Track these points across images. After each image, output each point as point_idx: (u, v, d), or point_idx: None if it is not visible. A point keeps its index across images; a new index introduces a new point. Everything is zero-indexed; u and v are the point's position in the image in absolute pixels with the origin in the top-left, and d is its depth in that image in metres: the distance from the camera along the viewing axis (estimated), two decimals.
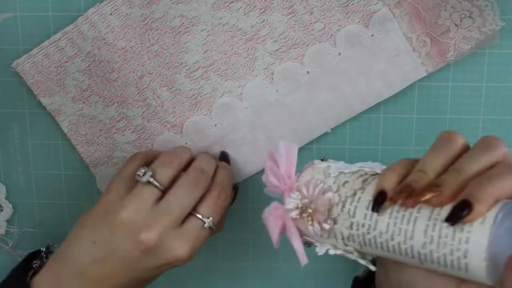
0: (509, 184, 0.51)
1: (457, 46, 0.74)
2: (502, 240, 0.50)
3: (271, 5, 0.74)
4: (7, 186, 0.82)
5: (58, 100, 0.77)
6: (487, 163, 0.53)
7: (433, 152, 0.55)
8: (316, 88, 0.76)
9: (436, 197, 0.52)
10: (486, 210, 0.50)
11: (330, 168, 0.61)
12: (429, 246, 0.52)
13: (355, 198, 0.57)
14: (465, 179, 0.52)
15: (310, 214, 0.59)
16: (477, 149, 0.54)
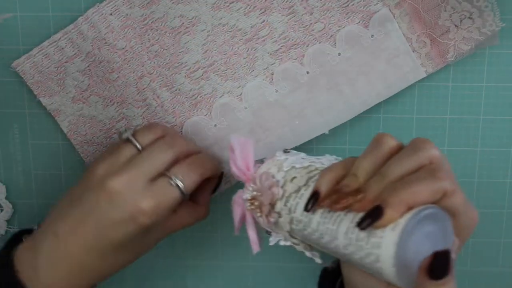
0: (425, 190, 0.51)
1: (457, 47, 0.74)
2: (417, 246, 0.50)
3: (271, 5, 0.74)
4: (7, 186, 0.82)
5: (58, 100, 0.77)
6: (410, 167, 0.53)
7: (364, 156, 0.56)
8: (316, 88, 0.76)
9: (358, 202, 0.52)
10: (399, 216, 0.50)
11: (285, 162, 0.62)
12: (349, 248, 0.53)
13: (298, 194, 0.58)
14: (388, 183, 0.52)
15: (258, 206, 0.61)
16: (403, 153, 0.54)
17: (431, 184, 0.51)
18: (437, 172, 0.52)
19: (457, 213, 0.53)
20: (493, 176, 0.80)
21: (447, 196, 0.52)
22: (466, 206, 0.54)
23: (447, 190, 0.52)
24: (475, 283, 0.83)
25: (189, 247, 0.84)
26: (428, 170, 0.53)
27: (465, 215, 0.54)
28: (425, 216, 0.50)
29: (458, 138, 0.79)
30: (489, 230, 0.82)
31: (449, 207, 0.52)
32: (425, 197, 0.51)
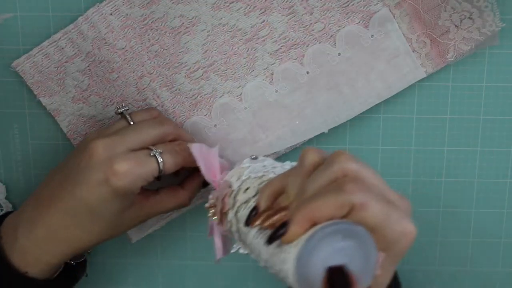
0: (328, 204, 0.50)
1: (456, 47, 0.74)
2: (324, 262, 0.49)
3: (271, 5, 0.74)
4: (7, 186, 0.82)
5: (58, 100, 0.77)
6: (324, 182, 0.52)
7: (292, 173, 0.55)
8: (316, 88, 0.76)
9: (280, 221, 0.52)
10: (302, 232, 0.50)
11: (246, 170, 0.62)
12: (268, 263, 0.53)
13: (247, 206, 0.59)
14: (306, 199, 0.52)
15: (214, 214, 0.62)
16: (319, 168, 0.53)
17: (335, 198, 0.50)
18: (344, 185, 0.50)
19: (373, 228, 0.50)
20: (493, 176, 0.80)
21: (355, 210, 0.50)
22: (387, 220, 0.50)
23: (354, 204, 0.49)
24: (475, 283, 0.83)
25: (188, 247, 0.84)
26: (336, 184, 0.51)
27: (386, 229, 0.50)
28: (331, 232, 0.49)
29: (458, 138, 0.79)
30: (489, 230, 0.82)
31: (361, 222, 0.49)
32: (329, 212, 0.49)
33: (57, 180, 0.69)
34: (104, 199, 0.66)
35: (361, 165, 0.52)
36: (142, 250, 0.84)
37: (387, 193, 0.52)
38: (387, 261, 0.51)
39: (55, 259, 0.70)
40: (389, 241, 0.51)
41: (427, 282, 0.83)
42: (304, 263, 0.49)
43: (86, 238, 0.69)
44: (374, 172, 0.53)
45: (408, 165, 0.80)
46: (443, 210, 0.81)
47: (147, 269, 0.85)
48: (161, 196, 0.72)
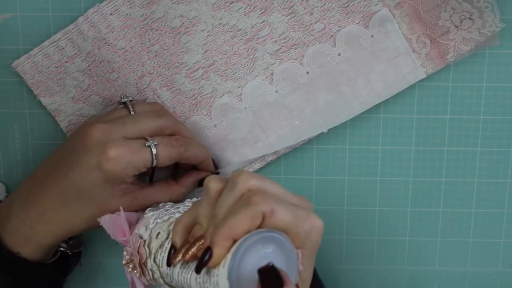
0: (241, 219, 0.52)
1: (457, 48, 0.74)
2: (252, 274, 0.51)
3: (271, 5, 0.74)
4: (7, 186, 0.82)
5: (58, 100, 0.77)
6: (233, 201, 0.55)
7: (200, 203, 0.58)
8: (316, 88, 0.76)
9: (200, 249, 0.54)
10: (226, 252, 0.52)
11: (151, 219, 0.64)
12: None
13: (163, 249, 0.61)
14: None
15: (134, 268, 0.64)
16: (224, 191, 0.56)
17: (246, 212, 0.52)
18: (250, 198, 0.53)
19: (286, 229, 0.53)
20: (493, 176, 0.80)
21: (266, 218, 0.53)
22: (296, 219, 0.54)
23: (264, 212, 0.53)
24: (475, 283, 0.83)
25: None
26: (243, 199, 0.54)
27: (297, 227, 0.54)
28: (251, 243, 0.51)
29: (458, 138, 0.79)
30: (489, 230, 0.82)
31: (275, 226, 0.53)
32: (244, 226, 0.52)
33: (53, 162, 0.71)
34: (95, 183, 0.67)
35: (261, 178, 0.56)
36: None
37: (289, 197, 0.56)
38: (305, 256, 0.55)
39: (45, 240, 0.70)
40: (302, 238, 0.54)
41: (427, 282, 0.83)
42: (235, 279, 0.51)
43: (77, 220, 0.70)
44: (273, 182, 0.56)
45: (408, 165, 0.80)
46: (443, 210, 0.81)
47: None
48: (154, 189, 0.73)
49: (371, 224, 0.81)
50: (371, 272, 0.83)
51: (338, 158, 0.80)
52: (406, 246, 0.82)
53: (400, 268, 0.83)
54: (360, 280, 0.83)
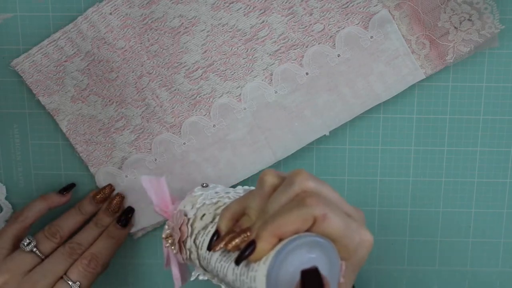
0: (292, 219, 0.51)
1: (456, 49, 0.74)
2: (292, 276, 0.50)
3: (271, 6, 0.74)
4: (7, 186, 0.82)
5: (57, 99, 0.77)
6: (286, 200, 0.54)
7: (252, 195, 0.57)
8: (315, 89, 0.76)
9: (244, 242, 0.53)
10: (270, 248, 0.51)
11: (199, 198, 0.63)
12: (236, 283, 0.54)
13: (206, 231, 0.60)
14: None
15: (172, 244, 0.63)
16: (279, 188, 0.55)
17: (298, 212, 0.51)
18: (305, 200, 0.52)
19: (335, 238, 0.52)
20: (493, 176, 0.80)
21: (318, 222, 0.52)
22: (347, 230, 0.53)
23: (316, 216, 0.51)
24: (475, 283, 0.83)
25: None
26: (297, 199, 0.53)
27: (347, 239, 0.53)
28: (297, 245, 0.51)
29: (458, 138, 0.79)
30: (489, 230, 0.82)
31: (324, 233, 0.52)
32: (294, 226, 0.51)
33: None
34: None
35: (319, 182, 0.55)
36: (142, 250, 0.84)
37: (343, 206, 0.55)
38: (349, 270, 0.54)
39: None
40: (349, 250, 0.53)
41: (427, 282, 0.83)
42: (274, 278, 0.50)
43: None
44: (331, 188, 0.55)
45: (408, 165, 0.80)
46: (443, 210, 0.81)
47: (147, 269, 0.85)
48: None
49: (371, 224, 0.81)
50: (371, 272, 0.83)
51: (338, 158, 0.80)
52: (406, 246, 0.82)
53: (400, 268, 0.83)
54: (360, 280, 0.83)
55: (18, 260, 0.74)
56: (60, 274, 0.74)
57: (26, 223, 0.76)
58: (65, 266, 0.74)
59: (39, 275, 0.73)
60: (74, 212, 0.78)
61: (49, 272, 0.73)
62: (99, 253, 0.76)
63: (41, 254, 0.74)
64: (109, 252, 0.77)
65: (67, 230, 0.77)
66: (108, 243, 0.77)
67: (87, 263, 0.74)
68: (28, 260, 0.74)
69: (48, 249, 0.75)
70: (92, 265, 0.74)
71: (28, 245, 0.74)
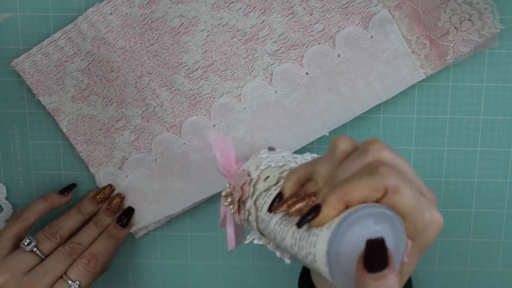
0: (362, 187, 0.49)
1: (456, 49, 0.74)
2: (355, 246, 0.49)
3: (271, 6, 0.74)
4: (7, 186, 0.82)
5: (57, 100, 0.77)
6: (357, 168, 0.51)
7: (321, 160, 0.55)
8: (315, 89, 0.76)
9: (308, 206, 0.51)
10: (335, 214, 0.49)
11: (264, 160, 0.62)
12: (294, 248, 0.52)
13: (268, 193, 0.58)
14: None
15: (231, 203, 0.62)
16: (353, 155, 0.53)
17: (369, 181, 0.49)
18: (378, 168, 0.50)
19: (405, 213, 0.50)
20: (493, 176, 0.80)
21: (389, 193, 0.49)
22: (418, 206, 0.50)
23: (388, 187, 0.49)
24: (475, 283, 0.83)
25: (189, 247, 0.84)
26: (370, 167, 0.50)
27: (416, 215, 0.50)
28: (363, 215, 0.49)
29: (458, 138, 0.79)
30: (489, 230, 0.82)
31: (394, 206, 0.49)
32: (363, 194, 0.49)
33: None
34: None
35: (395, 153, 0.52)
36: (142, 250, 0.84)
37: (417, 182, 0.52)
38: (414, 250, 0.52)
39: None
40: (418, 229, 0.51)
41: (427, 282, 0.83)
42: (336, 245, 0.48)
43: None
44: (406, 161, 0.53)
45: None
46: (443, 210, 0.81)
47: (147, 269, 0.85)
48: None
49: None
50: None
51: None
52: None
53: None
54: None
55: (18, 259, 0.74)
56: (60, 274, 0.74)
57: (27, 223, 0.76)
58: (65, 266, 0.74)
59: (39, 275, 0.73)
60: (74, 212, 0.78)
61: (49, 272, 0.73)
62: (98, 252, 0.76)
63: (41, 254, 0.75)
64: (109, 252, 0.77)
65: (67, 230, 0.77)
66: (108, 242, 0.77)
67: (87, 263, 0.75)
68: (28, 260, 0.74)
69: (48, 249, 0.75)
70: (92, 265, 0.75)
71: (28, 245, 0.74)
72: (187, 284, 0.85)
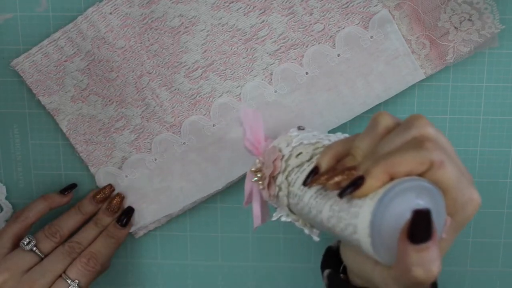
0: (408, 159, 0.49)
1: (456, 49, 0.74)
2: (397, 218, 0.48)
3: (271, 5, 0.74)
4: (7, 186, 0.82)
5: (57, 99, 0.77)
6: (401, 143, 0.51)
7: (362, 135, 0.55)
8: (315, 89, 0.76)
9: (346, 180, 0.51)
10: (379, 186, 0.49)
11: (295, 138, 0.62)
12: (332, 220, 0.52)
13: (300, 169, 0.58)
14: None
15: (261, 178, 0.61)
16: (396, 130, 0.53)
17: (416, 154, 0.49)
18: (424, 143, 0.50)
19: (447, 189, 0.50)
20: (493, 176, 0.80)
21: (434, 168, 0.49)
22: (459, 183, 0.50)
23: (433, 161, 0.49)
24: (475, 283, 0.83)
25: (189, 247, 0.84)
26: (415, 142, 0.51)
27: (458, 192, 0.50)
28: (408, 187, 0.49)
29: (458, 138, 0.79)
30: (489, 230, 0.82)
31: (437, 181, 0.49)
32: (408, 167, 0.49)
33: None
34: None
35: (438, 131, 0.52)
36: (142, 250, 0.84)
37: (457, 161, 0.53)
38: (451, 227, 0.52)
39: None
40: (457, 206, 0.51)
41: None
42: (381, 215, 0.48)
43: None
44: (449, 141, 0.53)
45: None
46: None
47: (147, 269, 0.85)
48: None
49: None
50: None
51: None
52: None
53: None
54: None
55: (18, 259, 0.74)
56: (59, 273, 0.74)
57: (27, 222, 0.76)
58: (64, 265, 0.74)
59: (38, 274, 0.73)
60: (74, 212, 0.78)
61: (48, 271, 0.74)
62: (98, 252, 0.76)
63: (40, 253, 0.75)
64: (108, 251, 0.77)
65: (66, 229, 0.77)
66: (108, 242, 0.77)
67: (86, 262, 0.75)
68: (28, 259, 0.74)
69: (47, 248, 0.75)
70: (91, 264, 0.75)
71: (28, 244, 0.74)
72: (187, 284, 0.85)
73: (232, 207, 0.81)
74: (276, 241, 0.83)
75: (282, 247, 0.83)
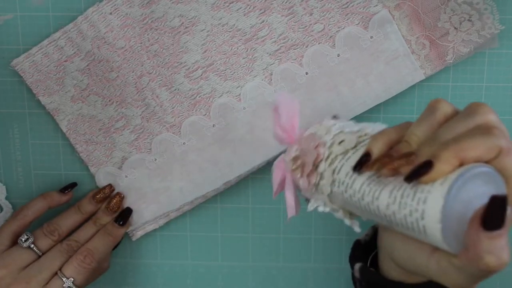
0: (478, 145, 0.48)
1: (456, 49, 0.74)
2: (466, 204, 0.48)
3: (271, 5, 0.74)
4: (7, 186, 0.82)
5: (57, 99, 0.77)
6: (463, 130, 0.51)
7: (418, 122, 0.54)
8: (315, 89, 0.76)
9: (408, 165, 0.50)
10: (449, 171, 0.48)
11: (334, 126, 0.60)
12: (392, 207, 0.51)
13: (345, 157, 0.57)
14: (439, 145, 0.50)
15: (300, 166, 0.59)
16: (457, 117, 0.52)
17: (486, 140, 0.48)
18: (492, 130, 0.49)
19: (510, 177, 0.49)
20: None
21: (502, 155, 0.48)
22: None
23: (502, 148, 0.48)
24: None
25: (188, 247, 0.84)
26: (483, 128, 0.49)
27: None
28: (478, 173, 0.48)
29: None
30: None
31: (503, 168, 0.49)
32: (478, 153, 0.48)
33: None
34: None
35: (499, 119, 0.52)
36: (142, 250, 0.84)
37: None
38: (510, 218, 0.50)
39: None
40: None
41: None
42: (452, 201, 0.47)
43: None
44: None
45: None
46: None
47: (147, 269, 0.85)
48: None
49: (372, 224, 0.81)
50: None
51: None
52: None
53: None
54: None
55: (15, 255, 0.74)
56: (56, 270, 0.74)
57: (26, 220, 0.76)
58: (61, 262, 0.75)
59: (35, 271, 0.73)
60: (73, 211, 0.78)
61: (45, 268, 0.74)
62: (95, 249, 0.76)
63: (38, 251, 0.75)
64: (105, 249, 0.77)
65: (65, 228, 0.77)
66: (105, 239, 0.77)
67: (83, 259, 0.75)
68: (25, 256, 0.74)
69: (45, 246, 0.76)
70: (88, 261, 0.75)
71: (26, 241, 0.75)
72: (187, 284, 0.85)
73: (232, 207, 0.81)
74: (276, 241, 0.83)
75: (282, 247, 0.83)
